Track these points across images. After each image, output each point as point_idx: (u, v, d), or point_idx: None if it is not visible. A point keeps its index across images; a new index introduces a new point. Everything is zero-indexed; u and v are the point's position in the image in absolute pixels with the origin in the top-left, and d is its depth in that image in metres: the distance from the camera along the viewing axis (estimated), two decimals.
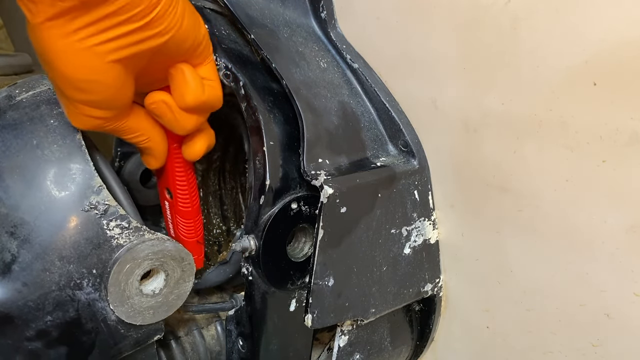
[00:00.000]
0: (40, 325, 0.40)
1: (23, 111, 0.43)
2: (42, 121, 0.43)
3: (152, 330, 0.46)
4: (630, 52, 0.36)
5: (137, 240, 0.42)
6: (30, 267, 0.39)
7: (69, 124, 0.42)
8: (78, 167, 0.42)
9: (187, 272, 0.45)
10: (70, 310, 0.41)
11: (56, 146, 0.42)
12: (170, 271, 0.44)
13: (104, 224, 0.41)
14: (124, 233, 0.42)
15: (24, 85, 0.46)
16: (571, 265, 0.44)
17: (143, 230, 0.43)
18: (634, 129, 0.37)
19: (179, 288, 0.45)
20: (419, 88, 0.52)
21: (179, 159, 0.50)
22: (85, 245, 0.41)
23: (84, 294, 0.41)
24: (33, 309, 0.39)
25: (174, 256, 0.44)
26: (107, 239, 0.41)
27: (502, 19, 0.43)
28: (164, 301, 0.45)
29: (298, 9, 0.58)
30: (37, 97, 0.44)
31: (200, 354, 0.56)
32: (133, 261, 0.42)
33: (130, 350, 0.45)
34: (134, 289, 0.43)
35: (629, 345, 0.42)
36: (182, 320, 0.57)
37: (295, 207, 0.49)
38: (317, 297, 0.47)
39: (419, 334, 0.60)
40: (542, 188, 0.44)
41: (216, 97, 0.45)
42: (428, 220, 0.54)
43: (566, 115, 0.41)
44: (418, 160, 0.53)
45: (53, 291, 0.40)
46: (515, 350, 0.50)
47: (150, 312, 0.44)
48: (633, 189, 0.38)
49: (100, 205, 0.41)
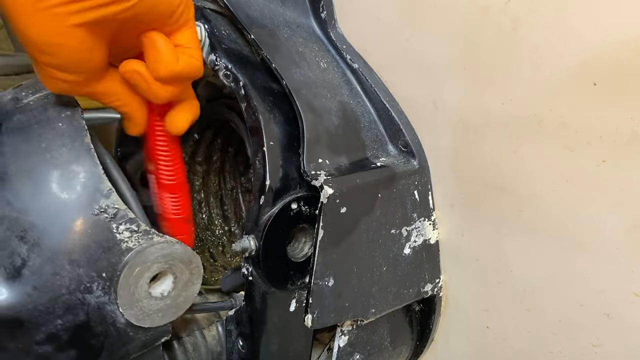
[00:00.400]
0: (50, 329, 0.40)
1: (31, 114, 0.43)
2: (50, 124, 0.42)
3: (159, 333, 0.46)
4: (630, 52, 0.36)
5: (147, 244, 0.42)
6: (40, 271, 0.39)
7: (77, 127, 0.42)
8: (87, 170, 0.42)
9: (195, 275, 0.46)
10: (80, 313, 0.41)
11: (65, 149, 0.42)
12: (178, 274, 0.44)
13: (113, 227, 0.41)
14: (134, 236, 0.42)
15: (30, 87, 0.45)
16: (571, 265, 0.44)
17: (152, 234, 0.43)
18: (634, 128, 0.37)
19: (187, 290, 0.45)
20: (419, 88, 0.52)
21: (160, 129, 0.49)
22: (95, 248, 0.41)
23: (93, 297, 0.41)
24: (43, 313, 0.39)
25: (182, 259, 0.44)
26: (117, 242, 0.41)
27: (502, 18, 0.43)
28: (173, 303, 0.45)
29: (298, 9, 0.58)
30: (44, 99, 0.44)
31: (202, 355, 0.56)
32: (142, 264, 0.42)
33: (138, 352, 0.45)
34: (143, 292, 0.43)
35: (629, 345, 0.42)
36: (184, 320, 0.57)
37: (295, 207, 0.49)
38: (317, 297, 0.47)
39: (419, 334, 0.60)
40: (542, 188, 0.44)
41: (193, 66, 0.44)
42: (428, 220, 0.54)
43: (566, 115, 0.41)
44: (418, 161, 0.53)
45: (63, 295, 0.40)
46: (515, 350, 0.50)
47: (159, 314, 0.44)
48: (633, 189, 0.38)
49: (109, 209, 0.41)
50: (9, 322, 0.39)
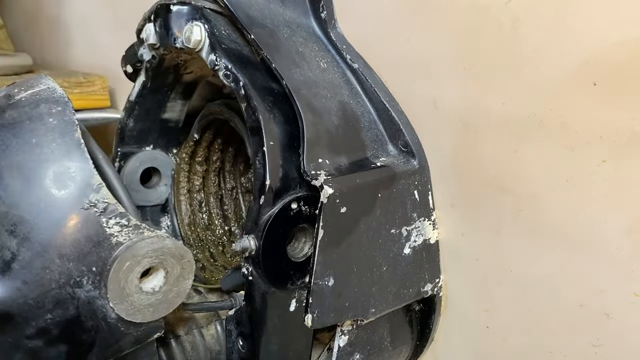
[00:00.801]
0: (40, 323, 0.40)
1: (22, 110, 0.43)
2: (41, 120, 0.42)
3: (152, 328, 0.46)
4: (630, 52, 0.36)
5: (137, 238, 0.42)
6: (30, 265, 0.39)
7: (68, 122, 0.42)
8: (77, 165, 0.42)
9: (186, 270, 0.45)
10: (70, 308, 0.41)
11: (55, 144, 0.42)
12: (169, 269, 0.44)
13: (103, 221, 0.41)
14: (124, 231, 0.42)
15: (22, 84, 0.46)
16: (571, 265, 0.44)
17: (142, 228, 0.43)
18: (634, 128, 0.37)
19: (179, 285, 0.45)
20: (419, 88, 0.52)
21: None
22: (85, 243, 0.41)
23: (83, 291, 0.41)
24: (33, 307, 0.39)
25: (173, 254, 0.44)
26: (107, 236, 0.41)
27: (503, 18, 0.43)
28: (164, 299, 0.45)
29: (298, 9, 0.58)
30: (35, 95, 0.44)
31: (200, 354, 0.56)
32: (133, 259, 0.42)
33: (130, 348, 0.45)
34: (134, 287, 0.42)
35: (629, 345, 0.42)
36: (182, 319, 0.57)
37: (295, 207, 0.49)
38: (317, 297, 0.47)
39: (419, 334, 0.60)
40: (542, 188, 0.44)
41: None
42: (428, 220, 0.54)
43: (566, 115, 0.41)
44: (418, 160, 0.53)
45: (53, 289, 0.40)
46: (515, 350, 0.50)
47: (150, 309, 0.44)
48: (633, 189, 0.38)
49: (99, 203, 0.41)
50: (0, 316, 0.39)
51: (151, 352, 0.48)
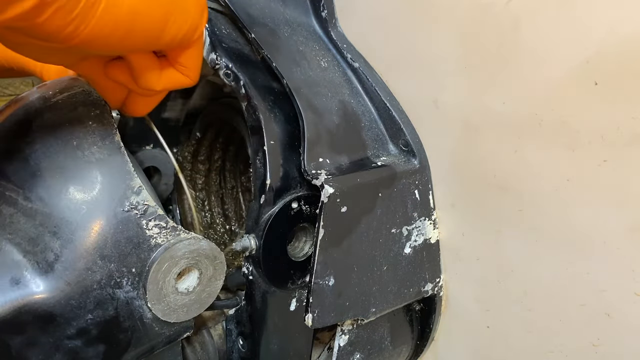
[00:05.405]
0: (81, 324, 0.40)
1: (60, 112, 0.43)
2: (81, 122, 0.43)
3: (183, 328, 0.46)
4: (631, 51, 0.36)
5: (174, 240, 0.43)
6: (73, 266, 0.40)
7: (108, 125, 0.43)
8: (118, 168, 0.42)
9: (218, 270, 0.46)
10: (109, 308, 0.41)
11: (96, 147, 0.42)
12: (203, 269, 0.45)
13: (143, 223, 0.42)
14: (162, 232, 0.43)
15: (55, 86, 0.46)
16: (571, 265, 0.43)
17: (179, 230, 0.44)
18: (635, 128, 0.37)
19: (211, 286, 0.46)
20: (419, 87, 0.52)
21: None
22: (126, 244, 0.41)
23: (123, 292, 0.42)
24: (75, 308, 0.40)
25: (207, 255, 0.45)
26: (146, 238, 0.42)
27: (503, 18, 0.43)
28: (197, 299, 0.45)
29: (299, 8, 0.58)
30: (72, 98, 0.44)
31: (210, 353, 0.57)
32: (171, 260, 0.42)
33: (161, 347, 0.46)
34: (171, 287, 0.43)
35: (629, 345, 0.42)
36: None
37: (296, 207, 0.49)
38: (317, 296, 0.47)
39: (419, 334, 0.60)
40: (543, 188, 0.44)
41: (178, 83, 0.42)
42: (428, 219, 0.54)
43: (567, 115, 0.41)
44: (419, 160, 0.53)
45: (95, 290, 0.40)
46: (516, 350, 0.50)
47: (184, 309, 0.45)
48: (634, 188, 0.38)
49: (140, 206, 0.42)
50: (43, 317, 0.39)
51: (177, 352, 0.49)
